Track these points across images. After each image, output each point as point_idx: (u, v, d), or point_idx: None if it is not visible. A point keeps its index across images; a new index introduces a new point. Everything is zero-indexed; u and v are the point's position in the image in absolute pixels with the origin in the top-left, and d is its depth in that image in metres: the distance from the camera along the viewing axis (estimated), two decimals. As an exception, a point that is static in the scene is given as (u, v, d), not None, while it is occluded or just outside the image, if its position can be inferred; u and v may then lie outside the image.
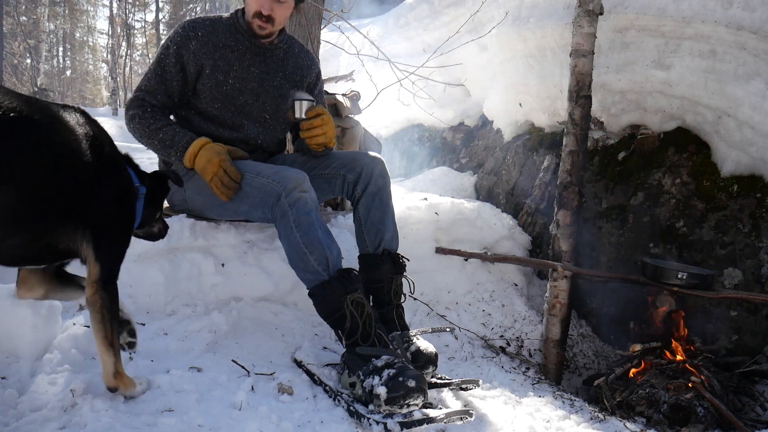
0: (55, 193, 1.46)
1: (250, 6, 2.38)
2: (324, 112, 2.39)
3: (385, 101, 5.13)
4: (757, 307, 2.80)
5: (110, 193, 1.62)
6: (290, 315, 2.58)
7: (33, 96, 1.56)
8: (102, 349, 1.63)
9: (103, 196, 1.59)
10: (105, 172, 1.60)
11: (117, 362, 1.64)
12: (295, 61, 2.59)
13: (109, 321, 1.61)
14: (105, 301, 1.60)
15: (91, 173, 1.54)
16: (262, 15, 2.35)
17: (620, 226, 3.39)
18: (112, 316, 1.62)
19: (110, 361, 1.63)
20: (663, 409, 2.45)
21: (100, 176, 1.58)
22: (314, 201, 2.18)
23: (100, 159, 1.58)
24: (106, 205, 1.60)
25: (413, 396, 1.84)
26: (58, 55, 24.10)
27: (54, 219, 1.48)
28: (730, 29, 2.97)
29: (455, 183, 4.68)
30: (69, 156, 1.49)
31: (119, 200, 1.67)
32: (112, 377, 1.64)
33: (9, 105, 1.36)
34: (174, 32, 2.45)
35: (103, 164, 1.60)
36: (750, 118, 2.93)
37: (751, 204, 2.93)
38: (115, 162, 1.68)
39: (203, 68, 2.39)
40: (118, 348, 1.65)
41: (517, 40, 4.06)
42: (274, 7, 2.35)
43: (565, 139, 3.08)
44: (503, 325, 3.14)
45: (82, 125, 1.57)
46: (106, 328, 1.61)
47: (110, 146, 1.68)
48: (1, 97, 1.36)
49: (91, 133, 1.58)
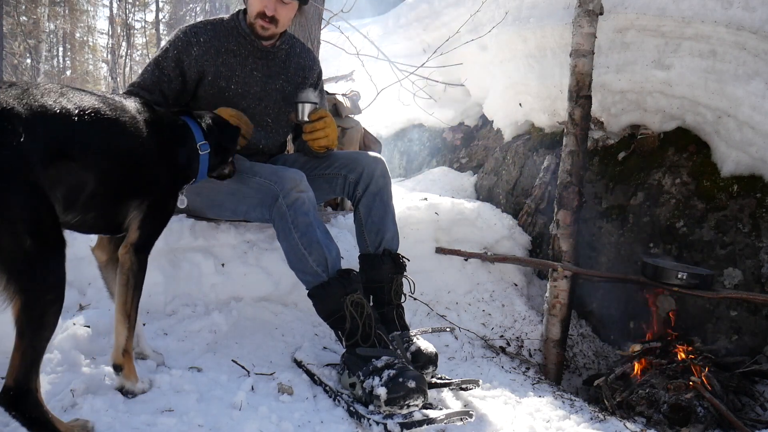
0: (124, 179, 1.64)
1: (254, 6, 2.36)
2: (327, 115, 2.39)
3: (385, 101, 5.13)
4: (757, 307, 2.80)
5: (166, 175, 1.79)
6: (290, 315, 2.58)
7: (97, 91, 1.71)
8: (118, 317, 1.71)
9: (160, 178, 1.77)
10: (163, 155, 1.77)
11: (129, 339, 1.70)
12: (297, 61, 2.58)
13: (132, 288, 1.71)
14: (133, 265, 1.71)
15: (152, 158, 1.72)
16: (266, 15, 2.33)
17: (620, 226, 3.39)
18: (136, 284, 1.72)
19: (123, 334, 1.70)
20: (663, 409, 2.45)
21: (160, 160, 1.75)
22: (312, 201, 2.17)
23: (160, 144, 1.76)
24: (159, 186, 1.77)
25: (413, 397, 1.84)
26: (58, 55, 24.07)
27: (121, 199, 1.67)
28: (730, 29, 2.97)
29: (455, 183, 4.68)
30: (134, 146, 1.67)
31: (171, 181, 1.85)
32: (120, 354, 1.70)
33: (83, 104, 1.52)
34: (175, 36, 2.42)
35: (162, 149, 1.77)
36: (750, 118, 2.93)
37: (751, 204, 2.93)
38: (171, 144, 1.84)
39: (205, 74, 2.38)
40: (133, 323, 1.72)
41: (517, 40, 4.06)
42: (278, 8, 2.33)
43: (565, 139, 3.08)
44: (503, 325, 3.14)
45: (142, 113, 1.74)
46: (127, 294, 1.70)
47: (169, 128, 1.85)
48: (75, 95, 1.53)
49: (150, 120, 1.75)
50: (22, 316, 1.31)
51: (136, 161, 1.68)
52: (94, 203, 1.58)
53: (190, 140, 1.92)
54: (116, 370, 1.72)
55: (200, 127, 1.95)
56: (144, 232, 1.73)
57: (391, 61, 4.66)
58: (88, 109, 1.52)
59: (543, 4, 3.88)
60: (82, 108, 1.51)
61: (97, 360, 1.88)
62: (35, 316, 1.33)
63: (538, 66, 3.93)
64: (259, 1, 2.33)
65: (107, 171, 1.57)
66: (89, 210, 1.59)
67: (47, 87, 1.49)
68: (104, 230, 1.78)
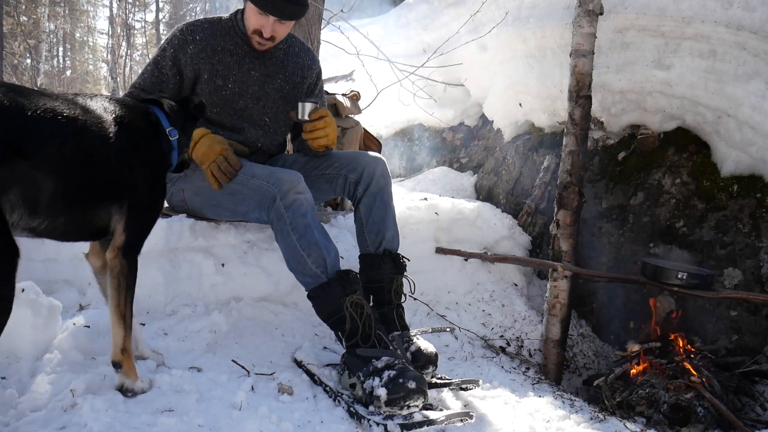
0: (92, 180, 1.56)
1: (250, 22, 2.35)
2: (327, 114, 2.39)
3: (385, 101, 5.13)
4: (757, 307, 2.80)
5: (142, 171, 1.70)
6: (290, 315, 2.58)
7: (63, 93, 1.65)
8: (113, 319, 1.68)
9: (136, 175, 1.68)
10: (137, 151, 1.69)
11: (126, 338, 1.68)
12: (295, 61, 2.57)
13: (124, 290, 1.67)
14: (123, 269, 1.67)
15: (123, 156, 1.63)
16: (263, 35, 2.34)
17: (620, 226, 3.39)
18: (128, 285, 1.68)
19: (119, 333, 1.67)
20: (663, 409, 2.45)
21: (133, 157, 1.67)
22: (310, 202, 2.17)
23: (131, 140, 1.67)
24: (138, 183, 1.69)
25: (413, 397, 1.84)
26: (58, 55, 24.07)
27: (94, 202, 1.59)
28: (730, 29, 2.97)
29: (455, 183, 4.68)
30: (100, 145, 1.57)
31: (150, 177, 1.75)
32: (119, 352, 1.68)
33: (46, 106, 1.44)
34: (172, 35, 2.42)
35: (135, 144, 1.68)
36: (750, 118, 2.93)
37: (751, 204, 2.93)
38: (145, 138, 1.76)
39: (201, 73, 2.38)
40: (129, 323, 1.69)
41: (517, 40, 4.06)
42: (276, 28, 2.33)
43: (565, 139, 3.08)
44: (503, 325, 3.14)
45: (110, 112, 1.65)
46: (120, 296, 1.67)
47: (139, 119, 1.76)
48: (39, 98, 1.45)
49: (119, 117, 1.66)
50: None
51: (104, 160, 1.58)
52: (61, 206, 1.49)
53: (161, 129, 1.84)
54: (116, 368, 1.71)
55: (164, 113, 1.87)
56: (130, 234, 1.67)
57: (391, 61, 4.66)
58: (45, 107, 1.44)
59: (543, 4, 3.88)
60: (38, 106, 1.43)
61: (97, 360, 1.88)
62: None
63: (538, 66, 3.93)
64: (256, 20, 2.32)
65: (68, 171, 1.48)
66: (57, 214, 1.50)
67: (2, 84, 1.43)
68: (85, 236, 1.70)
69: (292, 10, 2.29)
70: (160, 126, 1.83)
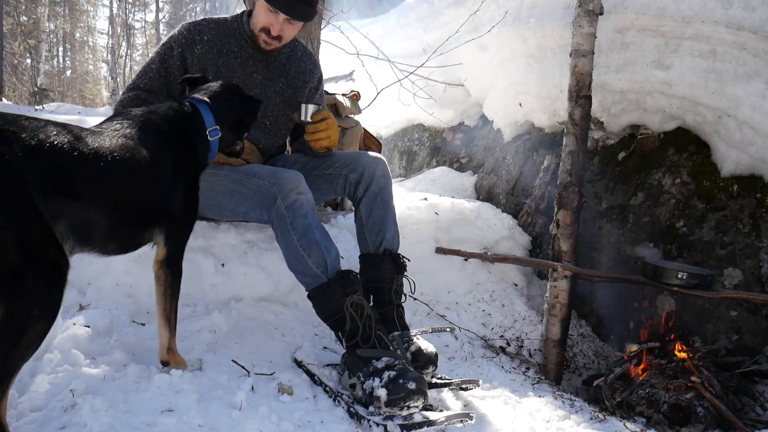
0: (139, 207, 1.68)
1: (259, 20, 2.34)
2: (329, 116, 2.39)
3: (385, 101, 5.13)
4: (757, 307, 2.80)
5: (181, 192, 1.79)
6: (290, 315, 2.58)
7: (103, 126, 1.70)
8: (160, 322, 1.81)
9: (176, 196, 1.77)
10: (177, 173, 1.77)
11: (171, 338, 1.82)
12: (297, 65, 2.57)
13: (170, 295, 1.80)
14: (168, 278, 1.80)
15: (162, 184, 1.72)
16: (271, 33, 2.34)
17: (620, 226, 3.39)
18: (173, 291, 1.81)
19: (165, 335, 1.81)
20: (663, 409, 2.45)
21: (174, 179, 1.75)
22: (311, 203, 2.17)
23: (172, 163, 1.75)
24: (178, 203, 1.78)
25: (413, 398, 1.84)
26: (58, 55, 24.07)
27: (140, 225, 1.71)
28: (730, 29, 2.97)
29: (455, 183, 4.68)
30: (143, 180, 1.66)
31: (187, 196, 1.83)
32: (165, 352, 1.81)
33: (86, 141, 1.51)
34: (179, 33, 2.40)
35: (175, 167, 1.76)
36: (750, 118, 2.93)
37: (751, 204, 2.93)
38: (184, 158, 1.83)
39: (206, 74, 2.37)
40: (174, 325, 1.82)
41: (517, 40, 4.06)
42: (284, 28, 2.34)
43: (565, 139, 3.08)
44: (503, 325, 3.14)
45: (152, 135, 1.72)
46: (166, 301, 1.80)
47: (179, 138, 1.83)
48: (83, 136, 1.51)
49: (162, 140, 1.74)
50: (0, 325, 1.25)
51: (146, 192, 1.68)
52: (108, 237, 1.60)
53: (200, 131, 1.89)
54: (164, 365, 1.84)
55: (210, 110, 1.92)
56: (171, 248, 1.80)
57: (391, 61, 4.66)
58: (92, 147, 1.51)
59: (543, 4, 3.88)
60: (87, 145, 1.50)
61: (97, 360, 1.88)
62: (14, 329, 1.27)
63: (538, 66, 3.93)
64: (266, 18, 2.32)
65: (112, 207, 1.57)
66: (106, 243, 1.62)
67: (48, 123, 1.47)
68: (132, 250, 1.80)
69: (302, 10, 2.30)
70: (201, 125, 1.89)
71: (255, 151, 2.45)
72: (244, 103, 2.06)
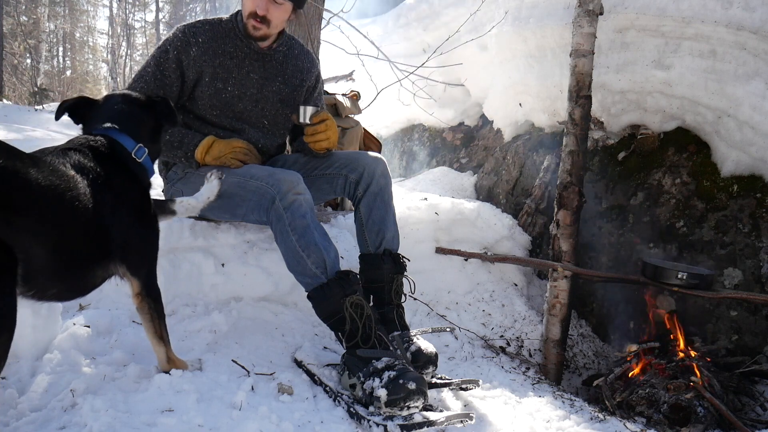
0: (81, 242, 1.54)
1: (246, 6, 2.36)
2: (328, 117, 2.39)
3: (385, 101, 5.13)
4: (757, 307, 2.80)
5: (129, 217, 1.70)
6: (290, 315, 2.58)
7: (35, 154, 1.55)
8: (153, 341, 1.83)
9: (122, 223, 1.66)
10: (115, 204, 1.65)
11: (167, 351, 1.84)
12: (294, 63, 2.57)
13: (157, 318, 1.81)
14: (151, 305, 1.79)
15: (103, 216, 1.59)
16: (257, 15, 2.33)
17: (620, 226, 3.39)
18: (158, 314, 1.81)
19: (162, 350, 1.83)
20: (663, 409, 2.45)
21: (112, 212, 1.63)
22: (309, 203, 2.17)
23: (109, 191, 1.63)
24: (126, 232, 1.68)
25: (413, 398, 1.84)
26: (58, 55, 24.07)
27: (84, 268, 1.58)
28: (730, 29, 2.97)
29: (455, 183, 4.68)
30: (82, 209, 1.52)
31: (138, 220, 1.75)
32: (165, 363, 1.84)
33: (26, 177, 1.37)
34: (173, 36, 2.40)
35: (112, 199, 1.64)
36: (750, 118, 2.93)
37: (751, 204, 2.93)
38: (120, 185, 1.71)
39: (202, 75, 2.38)
40: (167, 339, 1.84)
41: (517, 40, 4.06)
42: (270, 8, 2.32)
43: (565, 139, 3.08)
44: (503, 325, 3.14)
45: (82, 167, 1.59)
46: (155, 325, 1.81)
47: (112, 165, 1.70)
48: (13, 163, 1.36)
49: (94, 170, 1.61)
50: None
51: (86, 227, 1.53)
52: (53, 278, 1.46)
53: (127, 157, 1.77)
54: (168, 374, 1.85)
55: (125, 134, 1.79)
56: (141, 276, 1.74)
57: (391, 61, 4.66)
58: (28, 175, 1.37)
59: (543, 4, 3.88)
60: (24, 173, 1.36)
61: (97, 360, 1.88)
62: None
63: (538, 66, 3.93)
64: (251, 1, 2.33)
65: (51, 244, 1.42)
66: (50, 285, 1.47)
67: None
68: (90, 291, 1.65)
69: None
70: (125, 152, 1.77)
71: (254, 151, 2.44)
72: (150, 109, 1.92)
